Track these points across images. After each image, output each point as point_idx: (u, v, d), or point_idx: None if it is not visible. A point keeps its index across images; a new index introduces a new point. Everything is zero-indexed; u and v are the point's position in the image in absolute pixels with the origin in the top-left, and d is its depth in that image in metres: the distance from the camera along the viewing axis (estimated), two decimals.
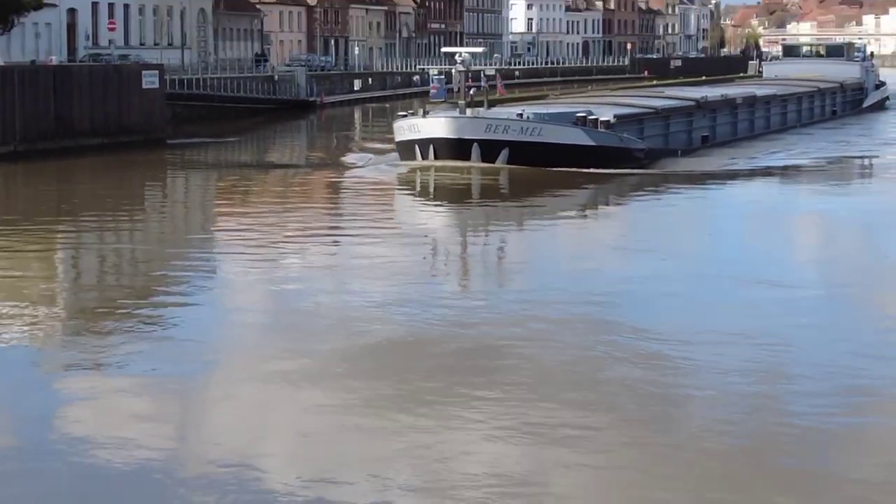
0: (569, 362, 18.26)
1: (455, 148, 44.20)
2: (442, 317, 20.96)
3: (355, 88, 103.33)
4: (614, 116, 47.33)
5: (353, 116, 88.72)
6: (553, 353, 18.68)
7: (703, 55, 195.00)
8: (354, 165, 49.47)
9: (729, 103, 60.20)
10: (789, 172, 47.12)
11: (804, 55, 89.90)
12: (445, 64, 51.21)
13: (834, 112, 77.11)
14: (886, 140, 63.24)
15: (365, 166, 48.63)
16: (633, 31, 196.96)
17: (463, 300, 22.97)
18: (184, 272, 26.07)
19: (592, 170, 43.20)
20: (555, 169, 42.84)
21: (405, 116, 47.22)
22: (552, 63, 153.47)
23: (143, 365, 18.10)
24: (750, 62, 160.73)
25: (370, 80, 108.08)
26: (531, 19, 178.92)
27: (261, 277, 25.32)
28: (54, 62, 63.00)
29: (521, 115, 45.99)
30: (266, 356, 18.57)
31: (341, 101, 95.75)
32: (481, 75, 50.08)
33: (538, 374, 17.48)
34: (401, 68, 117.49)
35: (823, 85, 76.63)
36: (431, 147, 44.62)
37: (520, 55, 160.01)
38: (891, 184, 44.88)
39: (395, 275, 25.04)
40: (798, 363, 18.31)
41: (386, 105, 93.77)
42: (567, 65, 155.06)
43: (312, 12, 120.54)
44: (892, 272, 26.72)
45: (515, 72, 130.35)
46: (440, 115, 46.30)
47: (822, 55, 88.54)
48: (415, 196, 41.63)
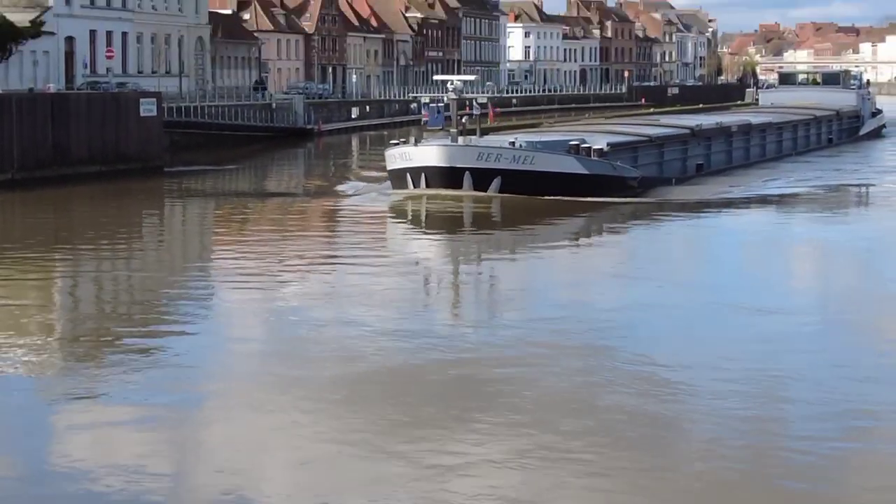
0: (567, 389, 18.34)
1: (447, 176, 43.97)
2: (440, 344, 21.04)
3: (353, 116, 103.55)
4: (608, 144, 47.26)
5: (351, 144, 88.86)
6: (551, 380, 18.75)
7: (701, 83, 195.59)
8: (345, 194, 49.34)
9: (724, 131, 60.12)
10: (785, 200, 47.06)
11: (800, 83, 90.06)
12: (438, 91, 51.13)
13: (830, 140, 76.99)
14: (884, 168, 63.01)
15: (356, 195, 48.52)
16: (631, 59, 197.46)
17: (460, 328, 23.03)
18: (181, 301, 26.15)
19: (586, 198, 43.03)
20: (547, 197, 42.71)
21: (397, 145, 46.99)
22: (549, 91, 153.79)
23: (141, 394, 18.14)
24: (747, 90, 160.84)
25: (367, 108, 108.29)
26: (528, 47, 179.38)
27: (256, 307, 25.37)
28: (52, 90, 63.15)
29: (514, 144, 45.76)
30: (264, 384, 18.62)
31: (339, 129, 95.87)
32: (473, 103, 49.77)
33: (537, 401, 17.55)
34: (398, 96, 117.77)
35: (819, 113, 76.60)
36: (423, 175, 44.32)
37: (517, 83, 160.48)
38: (888, 211, 44.86)
39: (391, 303, 25.10)
40: (796, 388, 18.46)
41: (384, 133, 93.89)
42: (564, 92, 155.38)
43: (310, 40, 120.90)
44: (890, 299, 26.77)
45: (513, 99, 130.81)
46: (432, 144, 46.11)
47: (819, 83, 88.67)
48: (407, 225, 41.32)
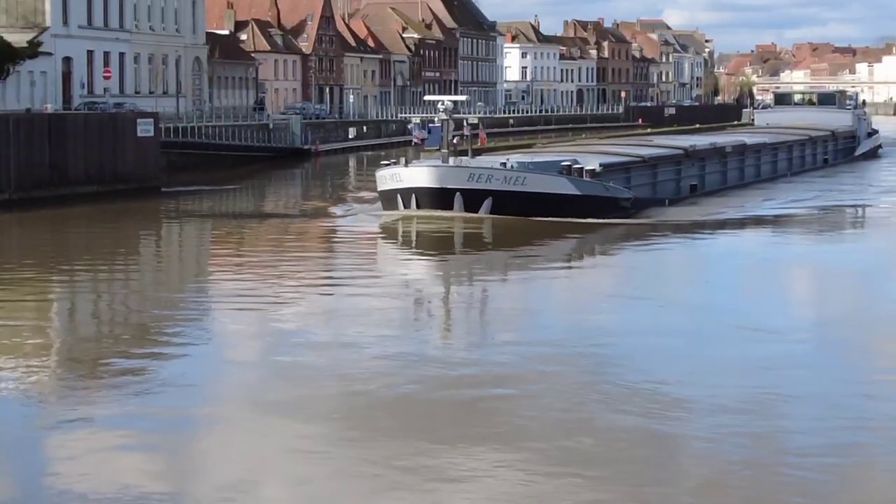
0: (566, 408, 18.43)
1: (437, 197, 43.53)
2: (436, 365, 21.13)
3: (350, 136, 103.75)
4: (600, 165, 46.99)
5: (348, 165, 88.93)
6: (550, 400, 18.85)
7: (697, 103, 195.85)
8: (338, 215, 49.19)
9: (718, 152, 59.88)
10: (781, 221, 47.08)
11: (796, 103, 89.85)
12: (429, 112, 50.89)
13: (825, 160, 76.93)
14: (881, 188, 62.92)
15: (347, 216, 48.36)
16: (628, 80, 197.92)
17: (456, 349, 23.16)
18: (177, 323, 26.24)
19: (578, 219, 42.73)
20: (539, 219, 42.37)
21: (388, 165, 46.65)
22: (546, 111, 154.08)
23: (138, 416, 18.19)
24: (744, 110, 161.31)
25: (365, 129, 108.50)
26: (525, 67, 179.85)
27: (252, 330, 25.45)
28: (50, 110, 63.34)
29: (505, 164, 45.38)
30: (261, 406, 18.69)
31: (336, 150, 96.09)
32: (464, 123, 49.13)
33: (535, 420, 17.65)
34: (395, 116, 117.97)
35: (815, 133, 76.48)
36: (413, 196, 43.92)
37: (514, 103, 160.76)
38: (884, 231, 44.92)
39: (385, 325, 25.15)
40: (794, 406, 18.66)
41: (381, 153, 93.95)
42: (561, 113, 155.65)
43: (307, 61, 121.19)
44: (887, 319, 26.92)
45: (510, 120, 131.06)
46: (423, 164, 45.75)
47: (814, 103, 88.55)
48: (398, 246, 40.85)
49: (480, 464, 15.69)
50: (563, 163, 46.48)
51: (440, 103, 47.79)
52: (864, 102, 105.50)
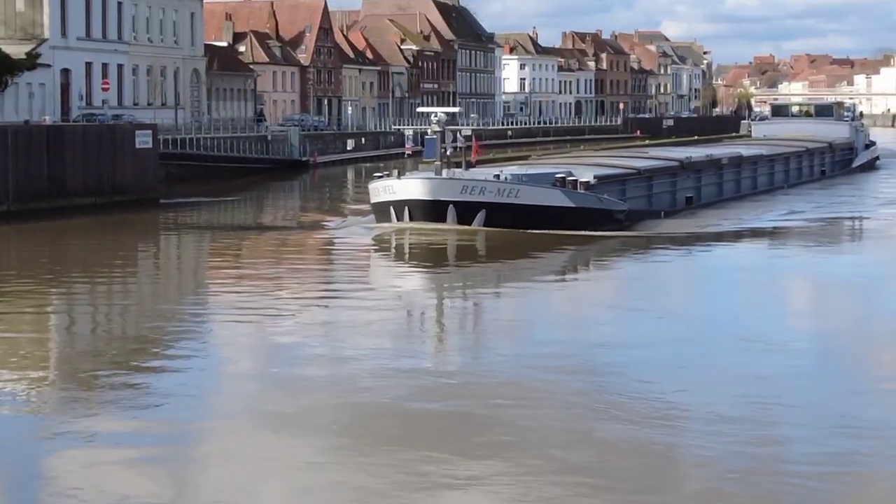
0: (564, 419, 18.46)
1: (430, 209, 43.28)
2: (434, 377, 21.16)
3: (348, 148, 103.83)
4: (595, 177, 46.85)
5: (346, 176, 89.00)
6: (548, 410, 18.88)
7: (696, 115, 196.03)
8: (333, 227, 49.04)
9: (714, 164, 59.67)
10: (777, 233, 47.08)
11: (793, 115, 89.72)
12: (423, 124, 50.58)
13: (823, 172, 76.80)
14: (878, 200, 62.72)
15: (342, 228, 48.20)
16: (626, 91, 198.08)
17: (453, 361, 23.18)
18: (175, 335, 26.29)
19: (572, 232, 42.49)
20: (533, 231, 42.13)
21: (381, 177, 46.33)
22: (545, 123, 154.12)
23: (136, 429, 18.21)
24: (742, 122, 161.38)
25: (363, 140, 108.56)
26: (524, 79, 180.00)
27: (249, 342, 25.53)
28: (48, 122, 63.40)
29: (499, 176, 45.08)
30: (260, 418, 18.72)
31: (334, 161, 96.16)
32: (457, 135, 48.29)
33: (534, 431, 17.67)
34: (393, 128, 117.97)
35: (812, 145, 76.33)
36: (406, 209, 43.69)
37: (513, 115, 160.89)
38: (882, 243, 44.93)
39: (382, 337, 25.20)
40: (794, 416, 18.71)
41: (379, 164, 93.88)
42: (560, 124, 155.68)
43: (306, 72, 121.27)
44: (885, 332, 26.95)
45: (508, 132, 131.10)
46: (415, 177, 45.43)
47: (811, 115, 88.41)
48: (392, 259, 40.57)
49: (478, 474, 15.71)
50: (558, 175, 46.27)
51: (433, 115, 47.48)
52: (862, 114, 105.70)
